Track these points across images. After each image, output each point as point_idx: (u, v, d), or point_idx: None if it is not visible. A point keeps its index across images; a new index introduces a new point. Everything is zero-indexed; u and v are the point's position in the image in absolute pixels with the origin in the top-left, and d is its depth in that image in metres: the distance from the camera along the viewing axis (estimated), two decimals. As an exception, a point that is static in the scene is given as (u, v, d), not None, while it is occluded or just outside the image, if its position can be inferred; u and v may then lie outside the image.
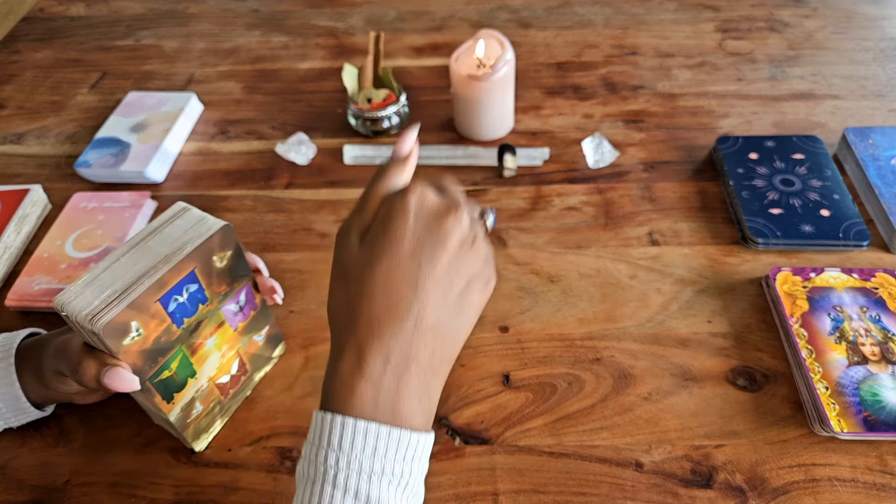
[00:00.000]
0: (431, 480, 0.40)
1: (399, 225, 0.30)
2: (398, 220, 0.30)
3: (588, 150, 0.62)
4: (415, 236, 0.30)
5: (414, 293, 0.30)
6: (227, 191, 0.62)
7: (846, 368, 0.43)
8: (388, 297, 0.29)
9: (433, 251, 0.30)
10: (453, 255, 0.30)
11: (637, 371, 0.46)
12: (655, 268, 0.52)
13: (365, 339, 0.29)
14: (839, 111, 0.66)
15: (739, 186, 0.56)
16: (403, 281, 0.30)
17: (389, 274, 0.30)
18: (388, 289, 0.29)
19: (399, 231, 0.30)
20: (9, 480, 0.42)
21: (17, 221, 0.56)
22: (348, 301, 0.30)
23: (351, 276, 0.30)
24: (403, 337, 0.29)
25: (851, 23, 0.79)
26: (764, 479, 0.40)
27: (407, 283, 0.30)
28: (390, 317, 0.29)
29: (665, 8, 0.84)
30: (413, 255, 0.30)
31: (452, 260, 0.30)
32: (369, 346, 0.29)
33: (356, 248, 0.31)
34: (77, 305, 0.32)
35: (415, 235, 0.30)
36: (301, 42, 0.81)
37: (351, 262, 0.31)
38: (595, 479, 0.40)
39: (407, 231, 0.30)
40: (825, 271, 0.49)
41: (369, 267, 0.30)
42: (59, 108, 0.73)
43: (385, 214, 0.31)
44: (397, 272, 0.30)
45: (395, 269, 0.30)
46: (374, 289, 0.30)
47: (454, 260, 0.31)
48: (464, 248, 0.31)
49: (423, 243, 0.30)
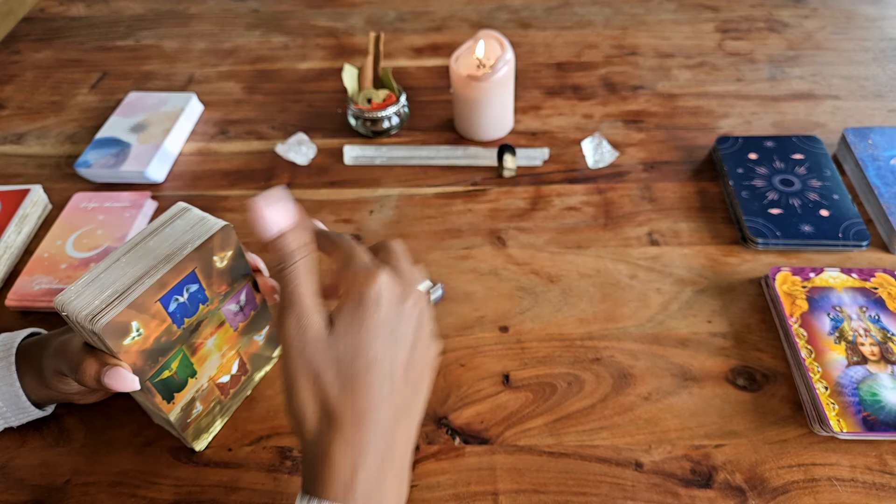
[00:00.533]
0: (431, 480, 0.40)
1: (372, 320, 0.30)
2: (370, 314, 0.30)
3: (588, 150, 0.62)
4: (387, 326, 0.31)
5: (391, 381, 0.30)
6: (228, 191, 0.62)
7: (846, 368, 0.43)
8: (370, 389, 0.30)
9: (400, 341, 0.31)
10: (412, 344, 0.32)
11: (637, 371, 0.46)
12: (655, 268, 0.52)
13: (352, 434, 0.29)
14: (839, 111, 0.66)
15: (739, 186, 0.56)
16: (379, 372, 0.30)
17: (368, 368, 0.30)
18: (368, 381, 0.30)
19: (372, 326, 0.30)
20: (9, 480, 0.42)
21: (17, 221, 0.56)
22: (325, 395, 0.30)
23: (326, 369, 0.30)
24: (387, 426, 0.30)
25: (851, 23, 0.79)
26: (764, 478, 0.40)
27: (382, 373, 0.30)
28: (373, 409, 0.30)
29: (665, 8, 0.84)
30: (386, 347, 0.30)
31: (414, 345, 0.32)
32: (358, 439, 0.29)
33: (324, 343, 0.30)
34: (77, 305, 0.32)
35: (387, 325, 0.31)
36: (301, 42, 0.81)
37: (326, 357, 0.30)
38: (595, 479, 0.40)
39: (380, 325, 0.30)
40: (825, 271, 0.49)
41: (350, 362, 0.30)
42: (59, 109, 0.73)
43: (354, 310, 0.30)
44: (375, 365, 0.30)
45: (373, 363, 0.30)
46: (357, 383, 0.30)
47: (414, 347, 0.32)
48: (421, 332, 0.32)
49: (393, 334, 0.31)
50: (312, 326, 0.30)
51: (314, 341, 0.30)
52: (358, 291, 0.31)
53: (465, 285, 0.52)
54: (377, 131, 0.66)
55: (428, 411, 0.44)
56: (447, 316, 0.50)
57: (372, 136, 0.66)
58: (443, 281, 0.52)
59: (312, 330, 0.30)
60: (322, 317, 0.31)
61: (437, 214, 0.58)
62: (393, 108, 0.64)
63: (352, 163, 0.64)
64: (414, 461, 0.41)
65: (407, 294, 0.32)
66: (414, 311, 0.32)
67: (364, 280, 0.31)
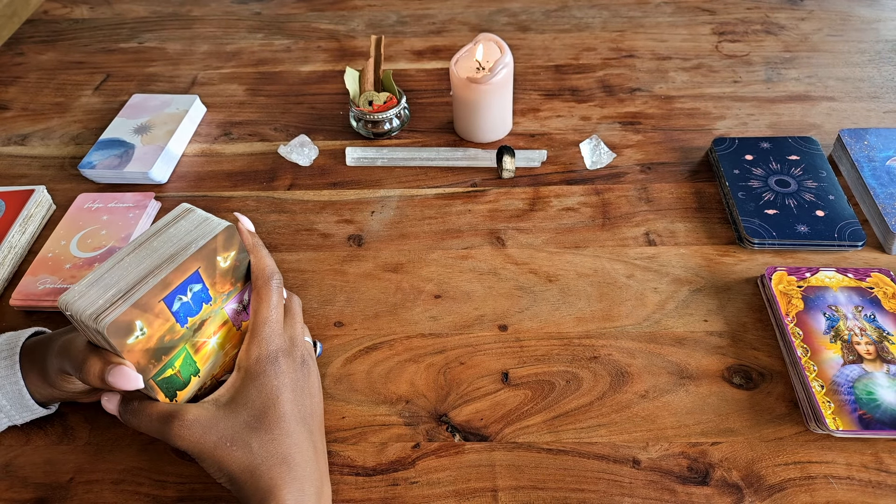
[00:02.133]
0: (431, 477, 0.41)
1: (281, 379, 0.37)
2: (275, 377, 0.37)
3: (586, 151, 0.63)
4: (293, 378, 0.38)
5: (309, 426, 0.37)
6: (231, 192, 0.62)
7: (841, 367, 0.43)
8: (303, 438, 0.37)
9: (305, 390, 0.38)
10: (315, 391, 0.40)
11: (634, 369, 0.46)
12: (652, 267, 0.53)
13: (315, 478, 0.36)
14: (834, 113, 0.67)
15: (735, 187, 0.57)
16: (302, 421, 0.37)
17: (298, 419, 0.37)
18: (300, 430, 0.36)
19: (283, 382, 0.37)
20: (13, 478, 0.42)
21: (21, 222, 0.57)
22: (272, 449, 0.35)
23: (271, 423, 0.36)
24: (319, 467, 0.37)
25: (847, 25, 0.80)
26: (760, 476, 0.40)
27: (303, 421, 0.37)
28: (305, 459, 0.36)
29: (662, 11, 0.84)
30: (296, 397, 0.38)
31: (315, 393, 0.40)
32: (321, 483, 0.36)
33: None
34: (81, 305, 0.32)
35: (293, 378, 0.38)
36: (303, 45, 0.82)
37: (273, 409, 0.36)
38: (593, 476, 0.41)
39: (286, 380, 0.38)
40: (820, 271, 0.49)
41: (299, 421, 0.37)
42: (63, 110, 0.74)
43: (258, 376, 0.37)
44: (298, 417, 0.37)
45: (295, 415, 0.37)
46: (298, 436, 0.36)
47: (313, 393, 0.39)
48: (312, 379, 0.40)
49: (297, 386, 0.38)
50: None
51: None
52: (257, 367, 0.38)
53: (464, 285, 0.52)
54: (378, 133, 0.66)
55: (428, 408, 0.44)
56: (447, 315, 0.50)
57: (373, 137, 0.67)
58: (443, 280, 0.53)
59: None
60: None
61: (437, 215, 0.59)
62: (394, 110, 0.65)
63: (353, 164, 0.64)
64: (415, 458, 0.42)
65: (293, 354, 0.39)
66: (312, 364, 0.40)
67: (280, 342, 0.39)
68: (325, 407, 0.44)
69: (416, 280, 0.53)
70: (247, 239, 0.39)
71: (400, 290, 0.52)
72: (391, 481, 0.41)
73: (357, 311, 0.51)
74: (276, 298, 0.38)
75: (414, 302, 0.51)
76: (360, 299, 0.52)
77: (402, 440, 0.43)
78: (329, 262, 0.55)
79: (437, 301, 0.51)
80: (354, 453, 0.42)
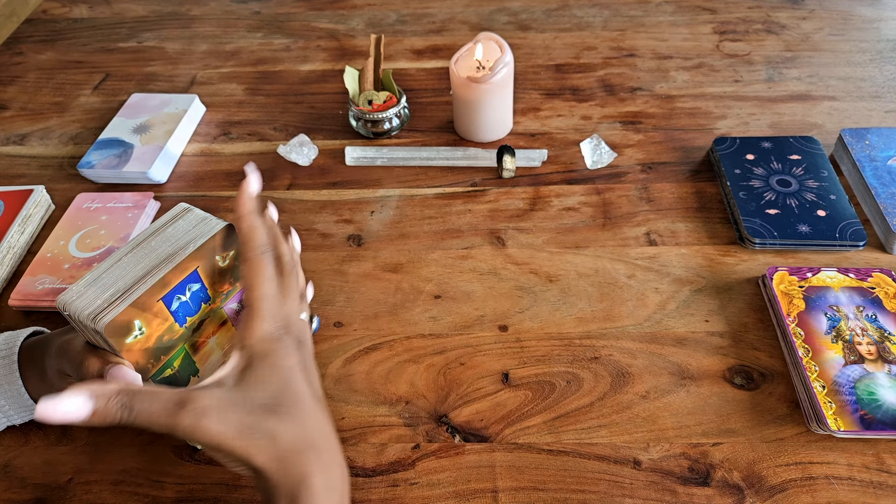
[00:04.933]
0: (431, 478, 0.41)
1: (290, 362, 0.34)
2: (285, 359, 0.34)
3: (586, 151, 0.63)
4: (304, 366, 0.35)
5: (323, 406, 0.35)
6: (230, 191, 0.62)
7: (843, 367, 0.43)
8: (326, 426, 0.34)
9: (310, 369, 0.35)
10: (316, 370, 0.36)
11: (635, 370, 0.46)
12: (653, 267, 0.53)
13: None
14: (836, 112, 0.67)
15: (736, 187, 0.57)
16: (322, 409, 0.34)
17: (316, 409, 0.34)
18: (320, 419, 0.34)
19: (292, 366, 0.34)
20: (12, 479, 0.42)
21: (20, 221, 0.57)
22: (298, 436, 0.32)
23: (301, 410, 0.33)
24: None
25: (848, 24, 0.79)
26: (761, 476, 0.40)
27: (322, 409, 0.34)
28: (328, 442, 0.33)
29: (663, 10, 0.84)
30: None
31: (317, 371, 0.36)
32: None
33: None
34: (79, 305, 0.32)
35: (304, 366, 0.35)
36: (302, 44, 0.82)
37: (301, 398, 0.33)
38: (593, 477, 0.40)
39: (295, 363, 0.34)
40: (822, 271, 0.49)
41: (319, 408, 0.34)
42: (62, 110, 0.73)
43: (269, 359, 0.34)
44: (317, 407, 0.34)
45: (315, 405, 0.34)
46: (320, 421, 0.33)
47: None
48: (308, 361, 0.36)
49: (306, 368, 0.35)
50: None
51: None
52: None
53: (464, 285, 0.52)
54: (378, 132, 0.66)
55: (428, 409, 0.44)
56: (447, 315, 0.50)
57: (373, 137, 0.67)
58: (443, 281, 0.52)
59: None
60: None
61: (438, 215, 0.58)
62: (393, 109, 0.65)
63: (353, 164, 0.64)
64: (415, 459, 0.42)
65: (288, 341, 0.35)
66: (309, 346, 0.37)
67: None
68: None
69: (415, 280, 0.53)
70: (241, 205, 0.36)
71: (400, 290, 0.52)
72: (391, 482, 0.41)
73: (357, 311, 0.51)
74: (270, 270, 0.35)
75: (414, 302, 0.51)
76: (360, 299, 0.52)
77: (402, 441, 0.43)
78: (329, 262, 0.55)
79: (437, 301, 0.51)
80: (354, 454, 0.42)
